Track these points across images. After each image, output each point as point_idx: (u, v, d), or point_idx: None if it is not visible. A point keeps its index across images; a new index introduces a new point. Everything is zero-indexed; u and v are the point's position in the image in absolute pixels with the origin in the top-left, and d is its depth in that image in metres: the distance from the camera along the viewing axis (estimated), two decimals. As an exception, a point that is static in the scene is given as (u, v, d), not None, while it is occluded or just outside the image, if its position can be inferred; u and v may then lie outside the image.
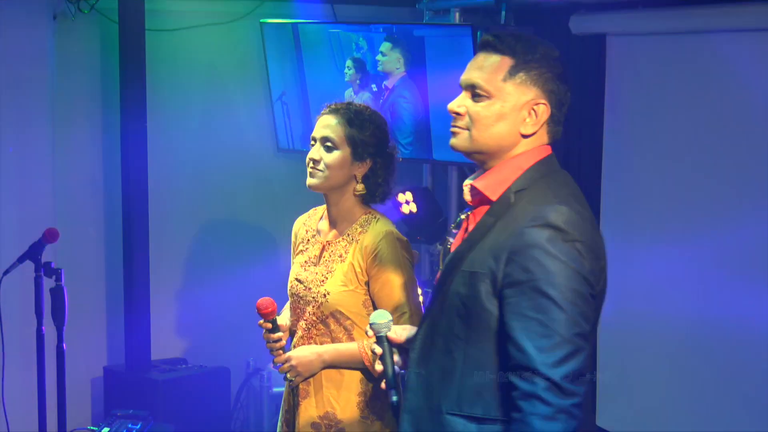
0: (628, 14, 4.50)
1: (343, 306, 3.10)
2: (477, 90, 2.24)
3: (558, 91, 2.24)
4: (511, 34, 2.26)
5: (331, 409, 3.14)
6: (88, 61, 5.02)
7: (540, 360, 2.03)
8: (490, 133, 2.23)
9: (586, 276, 2.09)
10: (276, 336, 3.12)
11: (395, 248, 3.09)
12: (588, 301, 2.10)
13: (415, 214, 5.05)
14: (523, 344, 2.05)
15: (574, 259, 2.08)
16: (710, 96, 4.20)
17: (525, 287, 2.07)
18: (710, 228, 4.24)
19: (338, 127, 3.12)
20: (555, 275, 2.06)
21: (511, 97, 2.22)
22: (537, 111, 2.23)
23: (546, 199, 2.16)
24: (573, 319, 2.05)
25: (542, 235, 2.08)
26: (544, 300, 2.05)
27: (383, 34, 4.89)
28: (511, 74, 2.22)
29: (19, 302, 4.14)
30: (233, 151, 5.33)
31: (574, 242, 2.09)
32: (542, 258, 2.07)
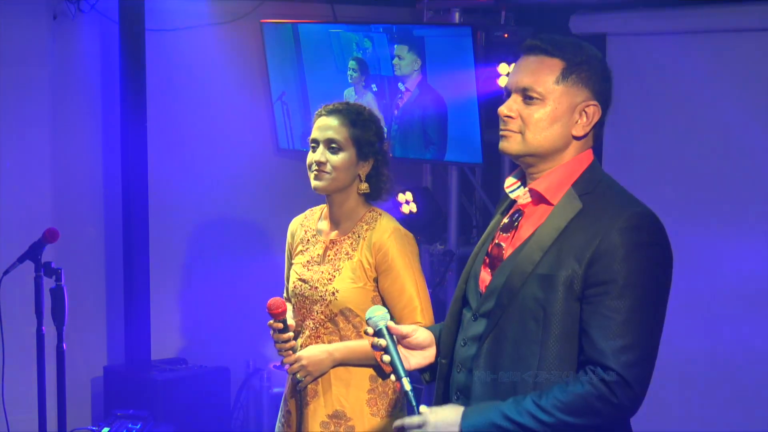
0: (628, 14, 4.50)
1: (352, 303, 3.11)
2: (529, 93, 2.23)
3: (605, 92, 2.27)
4: (557, 37, 2.28)
5: (340, 407, 3.14)
6: (88, 61, 5.01)
7: (614, 358, 2.05)
8: (545, 136, 2.23)
9: (665, 281, 2.15)
10: (286, 336, 3.12)
11: (403, 244, 3.11)
12: (665, 306, 2.15)
13: (415, 214, 5.05)
14: (599, 342, 2.07)
15: (659, 264, 2.14)
16: (710, 96, 4.21)
17: (609, 287, 2.09)
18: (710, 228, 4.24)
19: (342, 129, 3.11)
20: (640, 278, 2.09)
21: (564, 99, 2.23)
22: (588, 112, 2.25)
23: (629, 200, 2.21)
24: (650, 324, 2.10)
25: (631, 237, 2.11)
26: (626, 301, 2.08)
27: (385, 35, 4.89)
28: (564, 76, 2.23)
29: (19, 302, 4.14)
30: (233, 151, 5.33)
31: (656, 246, 2.15)
32: (629, 260, 2.09)
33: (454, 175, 5.22)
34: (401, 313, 3.10)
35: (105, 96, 5.05)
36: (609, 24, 4.59)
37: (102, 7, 4.92)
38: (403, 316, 3.10)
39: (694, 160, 4.29)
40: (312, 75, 5.21)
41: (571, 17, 4.67)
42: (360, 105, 3.22)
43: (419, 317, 3.08)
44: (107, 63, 5.02)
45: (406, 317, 3.09)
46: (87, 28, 4.96)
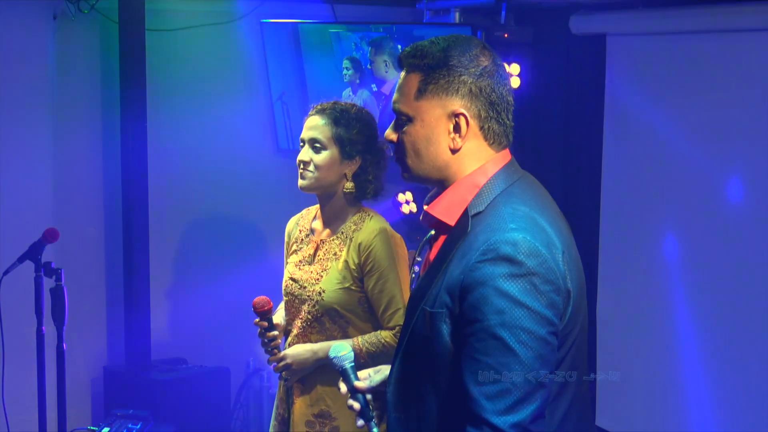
0: (628, 14, 4.50)
1: (338, 304, 3.12)
2: (398, 115, 2.07)
3: (483, 90, 2.02)
4: (421, 46, 2.06)
5: (325, 407, 3.15)
6: (88, 61, 5.01)
7: (488, 407, 1.87)
8: (422, 158, 2.05)
9: (543, 314, 1.89)
10: (271, 335, 3.14)
11: (389, 245, 3.11)
12: (543, 342, 1.90)
13: (415, 214, 5.05)
14: (471, 390, 1.89)
15: (529, 296, 1.88)
16: (710, 96, 4.21)
17: (475, 328, 1.89)
18: (710, 227, 4.24)
19: (325, 128, 3.14)
20: (506, 315, 1.87)
21: (427, 114, 2.02)
22: (458, 121, 2.02)
23: (500, 224, 1.94)
24: (525, 362, 1.87)
25: (494, 271, 1.89)
26: (494, 342, 1.87)
27: (385, 35, 4.89)
28: (421, 90, 2.02)
29: (19, 302, 4.13)
30: (233, 151, 5.33)
31: (529, 276, 1.89)
32: (493, 297, 1.88)
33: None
34: (385, 315, 3.10)
35: (105, 96, 5.05)
36: (609, 24, 4.59)
37: (102, 7, 4.92)
38: (385, 318, 3.10)
39: (694, 160, 4.28)
40: (312, 75, 5.21)
41: (571, 17, 4.67)
42: (350, 104, 3.23)
43: (402, 320, 3.08)
44: (107, 63, 5.02)
45: (389, 319, 3.09)
46: (87, 28, 4.96)
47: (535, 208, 2.02)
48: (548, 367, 1.92)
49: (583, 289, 2.07)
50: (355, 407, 2.24)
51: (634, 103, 4.54)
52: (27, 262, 3.79)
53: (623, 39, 4.57)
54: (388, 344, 3.07)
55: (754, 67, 4.04)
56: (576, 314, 2.01)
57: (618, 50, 4.59)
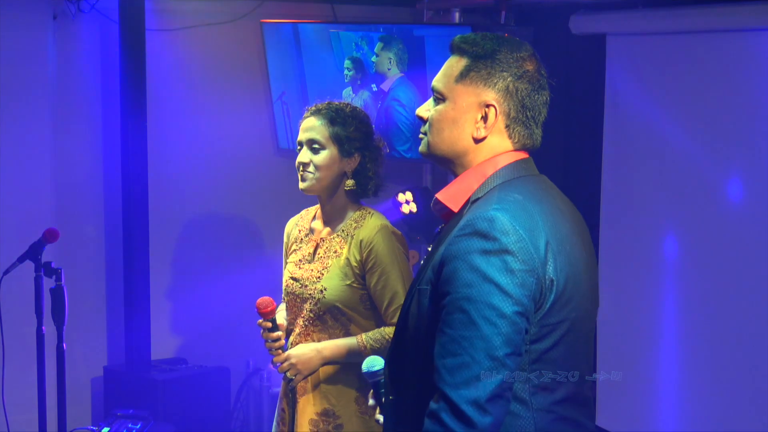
0: (628, 14, 4.50)
1: (340, 301, 3.12)
2: (435, 93, 2.13)
3: (519, 91, 2.07)
4: (479, 36, 2.12)
5: (329, 405, 3.15)
6: (88, 61, 5.01)
7: (447, 380, 1.87)
8: (442, 138, 2.10)
9: (511, 292, 1.88)
10: (275, 335, 3.14)
11: (391, 242, 3.12)
12: (509, 321, 1.88)
13: (415, 214, 5.05)
14: (436, 361, 1.90)
15: (499, 272, 1.88)
16: (710, 96, 4.21)
17: (446, 300, 1.91)
18: (711, 227, 4.24)
19: (322, 128, 3.15)
20: (473, 290, 1.88)
21: (461, 99, 2.08)
22: (487, 113, 2.07)
23: (486, 204, 1.98)
24: (487, 339, 1.86)
25: (467, 245, 1.91)
26: (460, 315, 1.88)
27: (383, 34, 4.89)
28: (463, 75, 2.08)
29: (19, 302, 4.13)
30: (233, 151, 5.33)
31: (501, 254, 1.89)
32: (462, 270, 1.90)
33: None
34: (387, 311, 3.11)
35: (105, 96, 5.05)
36: (609, 24, 4.59)
37: (102, 7, 4.92)
38: (389, 314, 3.11)
39: (695, 160, 4.29)
40: (312, 75, 5.21)
41: (571, 17, 4.68)
42: (344, 103, 3.24)
43: None
44: (107, 63, 5.02)
45: (393, 315, 3.10)
46: (87, 28, 4.95)
47: (530, 198, 2.03)
48: (512, 347, 1.89)
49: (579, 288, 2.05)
50: (380, 420, 2.24)
51: (634, 103, 4.54)
52: (27, 262, 3.79)
53: (623, 39, 4.58)
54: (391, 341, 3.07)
55: (754, 66, 4.04)
56: (564, 308, 1.99)
57: (618, 50, 4.59)
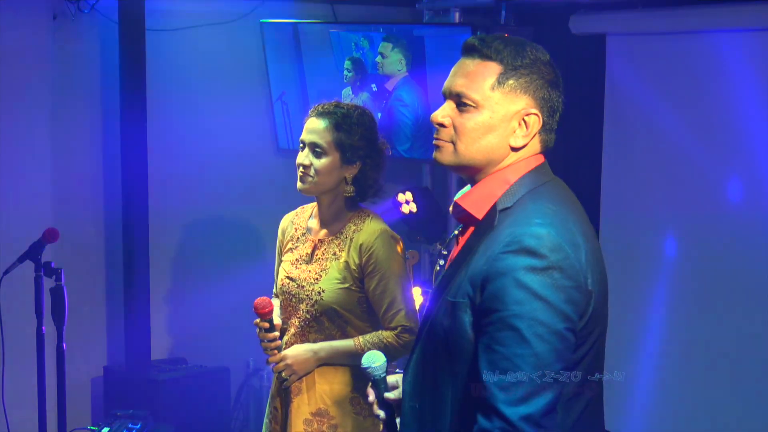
0: (628, 14, 4.50)
1: (337, 304, 3.12)
2: (463, 99, 2.06)
3: (550, 98, 2.07)
4: (499, 38, 2.09)
5: (323, 405, 3.15)
6: (88, 61, 5.01)
7: (500, 397, 1.88)
8: (478, 147, 2.05)
9: (561, 309, 1.90)
10: (272, 335, 3.14)
11: (390, 246, 3.12)
12: (560, 337, 1.90)
13: (415, 214, 5.04)
14: (486, 378, 1.90)
15: (549, 289, 1.89)
16: (710, 96, 4.21)
17: (494, 318, 1.91)
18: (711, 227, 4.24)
19: (326, 132, 3.10)
20: (524, 307, 1.88)
21: (499, 107, 2.03)
22: (528, 122, 2.05)
23: (527, 218, 1.97)
24: (540, 356, 1.88)
25: (516, 262, 1.90)
26: (511, 333, 1.88)
27: (383, 34, 4.89)
28: (500, 82, 2.04)
29: (19, 302, 4.13)
30: (233, 151, 5.33)
31: (550, 270, 1.90)
32: (513, 288, 1.89)
33: (454, 174, 5.21)
34: (386, 315, 3.11)
35: (105, 96, 5.05)
36: (609, 24, 4.59)
37: (102, 7, 4.92)
38: (387, 319, 3.11)
39: (694, 160, 4.29)
40: (312, 75, 5.20)
41: (571, 17, 4.67)
42: (352, 106, 3.18)
43: (404, 320, 3.09)
44: (107, 63, 5.02)
45: (391, 319, 3.10)
46: (87, 28, 4.95)
47: (562, 208, 2.04)
48: (563, 363, 1.92)
49: (606, 294, 2.08)
50: (381, 417, 2.25)
51: (634, 103, 4.54)
52: (27, 262, 3.79)
53: (623, 39, 4.57)
54: (389, 344, 3.07)
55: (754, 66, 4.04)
56: (597, 317, 2.01)
57: (618, 50, 4.58)
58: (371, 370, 2.27)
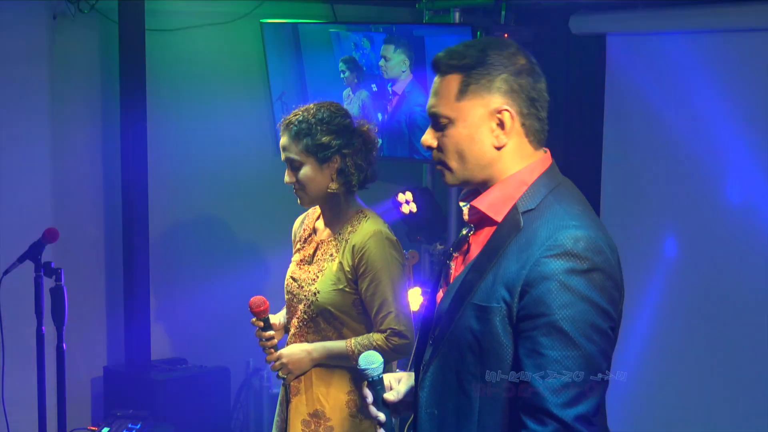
0: (628, 14, 4.50)
1: (332, 305, 3.11)
2: (439, 119, 2.07)
3: (522, 88, 2.05)
4: (458, 48, 2.08)
5: (320, 407, 3.16)
6: (88, 61, 5.01)
7: (552, 400, 1.90)
8: (466, 159, 2.07)
9: (605, 308, 1.94)
10: (268, 334, 3.14)
11: (383, 247, 3.09)
12: (606, 336, 1.95)
13: (415, 214, 5.04)
14: (535, 383, 1.92)
15: (593, 291, 1.92)
16: (710, 96, 4.20)
17: (539, 322, 1.92)
18: (711, 227, 4.24)
19: (292, 145, 3.11)
20: (571, 310, 1.91)
21: (469, 114, 2.04)
22: (502, 118, 2.04)
23: (561, 221, 1.98)
24: (589, 356, 1.91)
25: (559, 265, 1.92)
26: (559, 336, 1.91)
27: (384, 35, 4.89)
28: (462, 90, 2.04)
29: (19, 302, 4.13)
30: (233, 151, 5.33)
31: (593, 272, 1.93)
32: (558, 291, 1.91)
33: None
34: (377, 317, 3.10)
35: (105, 96, 5.05)
36: (609, 24, 4.59)
37: (102, 7, 4.92)
38: (377, 321, 3.10)
39: (695, 160, 4.29)
40: (312, 75, 5.20)
41: (571, 17, 4.67)
42: (309, 108, 3.15)
43: (394, 323, 3.07)
44: (107, 63, 5.02)
45: (381, 321, 3.09)
46: (87, 28, 4.96)
47: (587, 209, 2.07)
48: (609, 361, 1.97)
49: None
50: (380, 419, 2.23)
51: (634, 103, 4.53)
52: (27, 262, 3.79)
53: (623, 39, 4.57)
54: (379, 347, 3.05)
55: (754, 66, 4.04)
56: (621, 314, 2.06)
57: (618, 50, 4.58)
58: (369, 371, 2.26)
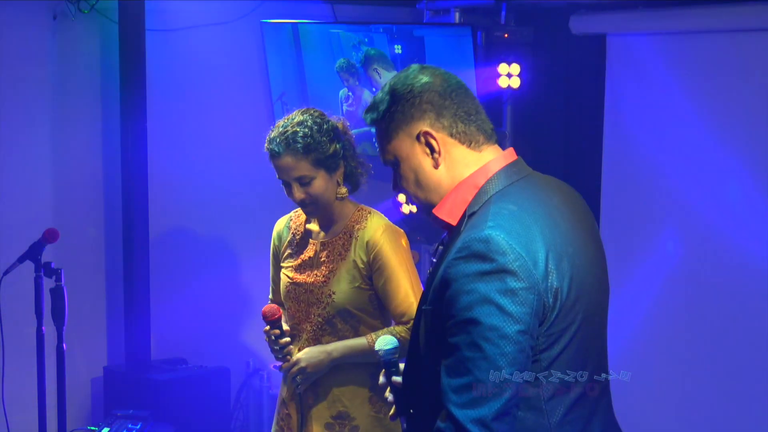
0: (628, 14, 4.50)
1: (350, 304, 3.11)
2: (388, 164, 2.16)
3: (435, 103, 2.07)
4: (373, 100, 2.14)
5: (343, 408, 3.15)
6: (88, 61, 5.01)
7: (452, 399, 1.91)
8: (424, 189, 2.11)
9: (510, 311, 1.90)
10: (284, 341, 3.12)
11: (396, 241, 3.13)
12: (511, 340, 1.90)
13: (415, 215, 5.05)
14: (442, 381, 1.93)
15: (498, 294, 1.90)
16: (710, 96, 4.21)
17: (449, 323, 1.94)
18: (710, 227, 4.24)
19: (301, 162, 3.07)
20: (474, 311, 1.89)
21: (402, 150, 2.10)
22: (427, 140, 2.08)
23: (480, 223, 1.97)
24: (490, 359, 1.88)
25: (465, 268, 1.93)
26: (463, 337, 1.90)
27: (385, 35, 4.89)
28: (387, 135, 2.11)
29: (19, 302, 4.14)
30: (233, 151, 5.33)
31: (499, 273, 1.90)
32: (462, 293, 1.91)
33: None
34: (397, 309, 3.10)
35: (105, 96, 5.05)
36: (609, 24, 4.59)
37: (102, 7, 4.92)
38: (398, 313, 3.10)
39: (695, 160, 4.29)
40: (312, 75, 5.21)
41: (571, 17, 4.67)
42: (298, 122, 3.12)
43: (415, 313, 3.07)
44: (107, 63, 5.02)
45: (402, 314, 3.09)
46: (87, 28, 4.96)
47: (526, 207, 2.03)
48: (516, 366, 1.91)
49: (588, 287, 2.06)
50: (390, 400, 2.28)
51: (634, 103, 4.54)
52: (27, 262, 3.79)
53: (623, 39, 4.57)
54: (403, 339, 3.05)
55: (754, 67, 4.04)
56: (570, 311, 2.00)
57: (618, 50, 4.58)
58: (382, 353, 2.30)
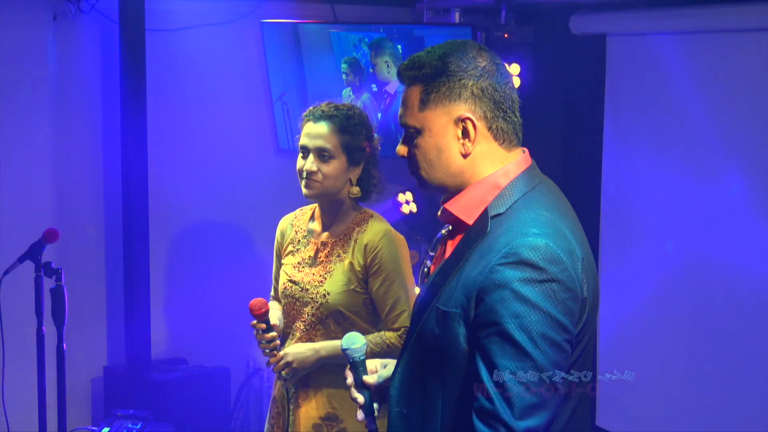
0: (628, 14, 4.50)
1: (343, 306, 3.11)
2: (408, 129, 2.08)
3: (486, 91, 2.03)
4: (420, 57, 2.08)
5: (332, 409, 3.14)
6: (88, 61, 5.01)
7: (505, 410, 1.87)
8: (435, 168, 2.06)
9: (560, 320, 1.90)
10: (270, 336, 3.12)
11: (395, 247, 3.11)
12: (560, 349, 1.91)
13: (415, 214, 5.05)
14: (490, 391, 1.89)
15: (548, 302, 1.88)
16: (710, 96, 4.21)
17: (492, 330, 1.89)
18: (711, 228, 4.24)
19: (332, 136, 3.06)
20: (524, 319, 1.87)
21: (433, 124, 2.03)
22: (466, 126, 2.03)
23: (522, 228, 1.94)
24: (541, 367, 1.88)
25: (513, 274, 1.89)
26: (511, 346, 1.88)
27: (384, 34, 4.89)
28: (423, 101, 2.04)
29: (19, 302, 4.13)
30: (233, 151, 5.33)
31: (549, 282, 1.89)
32: (511, 300, 1.88)
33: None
34: (389, 316, 3.10)
35: (105, 96, 5.05)
36: (609, 24, 4.59)
37: (102, 7, 4.92)
38: (390, 319, 3.10)
39: (694, 161, 4.29)
40: (312, 75, 5.20)
41: (571, 17, 4.68)
42: (350, 107, 3.15)
43: (407, 321, 3.06)
44: (107, 63, 5.02)
45: (394, 320, 3.09)
46: (87, 28, 4.95)
47: (556, 214, 2.02)
48: (561, 374, 1.92)
49: (598, 295, 2.08)
50: (359, 400, 2.25)
51: (634, 103, 4.54)
52: (27, 262, 3.79)
53: (623, 39, 4.58)
54: (392, 345, 3.06)
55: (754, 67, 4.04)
56: (590, 321, 2.02)
57: (618, 50, 4.59)
58: (350, 352, 2.27)
